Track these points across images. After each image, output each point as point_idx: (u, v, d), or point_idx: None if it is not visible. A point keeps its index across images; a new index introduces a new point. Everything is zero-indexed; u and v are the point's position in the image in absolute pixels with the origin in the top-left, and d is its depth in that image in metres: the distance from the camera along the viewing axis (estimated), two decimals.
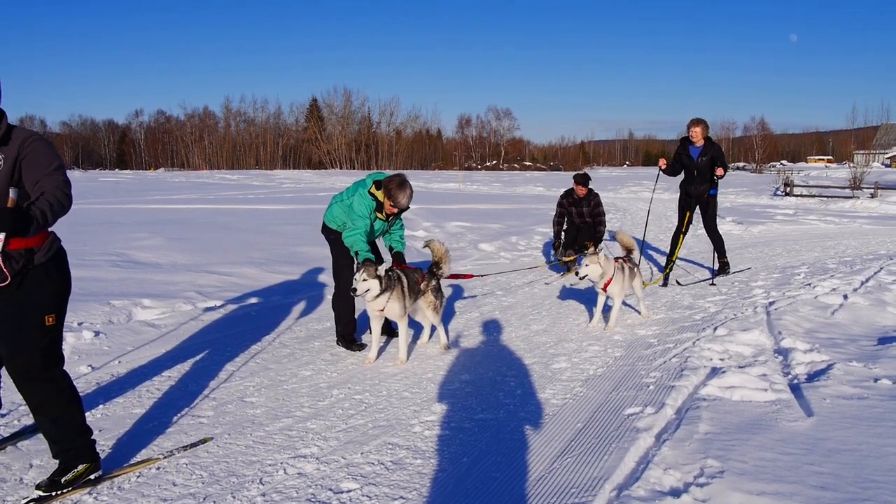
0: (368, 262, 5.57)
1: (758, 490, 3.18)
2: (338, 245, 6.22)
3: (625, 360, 5.73)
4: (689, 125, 9.16)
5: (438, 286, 6.20)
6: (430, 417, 4.45)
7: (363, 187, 5.99)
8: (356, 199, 5.96)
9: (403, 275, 5.86)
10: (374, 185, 5.95)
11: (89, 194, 28.68)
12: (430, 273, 6.17)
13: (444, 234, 14.74)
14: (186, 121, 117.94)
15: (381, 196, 5.92)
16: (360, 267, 5.57)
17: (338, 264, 6.31)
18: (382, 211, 6.00)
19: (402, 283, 5.75)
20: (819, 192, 29.91)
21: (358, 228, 5.89)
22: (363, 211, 5.91)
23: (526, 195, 32.96)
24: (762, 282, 8.87)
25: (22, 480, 3.54)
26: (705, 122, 9.13)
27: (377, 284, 5.51)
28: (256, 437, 4.13)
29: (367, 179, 6.04)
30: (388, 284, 5.60)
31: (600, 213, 10.26)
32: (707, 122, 9.16)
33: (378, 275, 5.52)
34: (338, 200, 6.25)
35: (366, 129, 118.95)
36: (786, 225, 17.49)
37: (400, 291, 5.70)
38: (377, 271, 5.53)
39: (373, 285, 5.50)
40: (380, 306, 5.65)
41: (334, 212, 6.24)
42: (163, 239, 12.12)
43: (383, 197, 5.90)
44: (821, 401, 4.31)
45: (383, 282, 5.55)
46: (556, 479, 3.54)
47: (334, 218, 6.23)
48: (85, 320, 6.42)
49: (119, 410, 4.54)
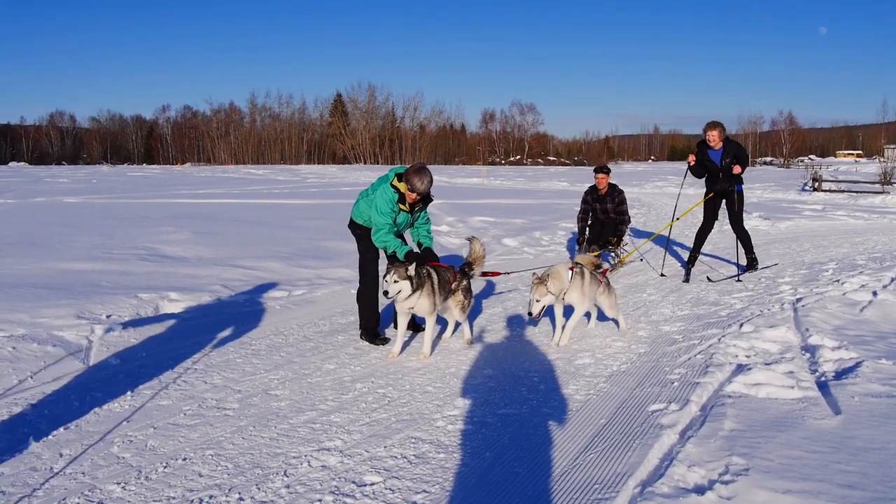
0: (398, 262, 5.54)
1: (784, 488, 3.15)
2: (364, 240, 6.26)
3: (649, 356, 5.70)
4: (705, 129, 9.11)
5: (469, 286, 6.18)
6: (453, 412, 4.46)
7: (386, 181, 6.01)
8: (378, 195, 5.99)
9: (434, 271, 5.83)
10: (396, 178, 5.97)
11: (117, 189, 29.09)
12: (461, 272, 6.15)
13: (467, 228, 14.73)
14: (212, 116, 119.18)
15: (403, 187, 5.94)
16: (389, 268, 5.52)
17: (364, 259, 6.34)
18: (405, 202, 6.00)
19: (431, 280, 5.72)
20: (848, 187, 29.43)
21: (381, 228, 5.94)
22: (385, 207, 5.93)
23: (550, 190, 32.85)
24: (789, 278, 8.76)
25: (52, 469, 3.61)
26: (721, 126, 9.06)
27: (408, 285, 5.48)
28: (281, 430, 4.16)
29: (390, 173, 6.06)
30: (419, 283, 5.57)
31: (624, 212, 10.17)
32: (723, 123, 9.09)
33: (409, 275, 5.48)
34: (364, 196, 6.29)
35: (390, 123, 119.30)
36: (814, 220, 17.25)
37: (430, 288, 5.68)
38: (408, 271, 5.48)
39: (404, 286, 5.47)
40: (410, 304, 5.63)
41: (360, 207, 6.28)
42: (189, 233, 12.25)
43: (405, 187, 5.92)
44: (849, 399, 4.26)
45: (414, 281, 5.51)
46: (579, 475, 3.53)
47: (360, 213, 6.28)
48: (113, 313, 6.52)
49: (146, 402, 4.60)
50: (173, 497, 3.35)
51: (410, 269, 5.49)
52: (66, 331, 5.92)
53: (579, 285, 6.11)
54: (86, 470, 3.61)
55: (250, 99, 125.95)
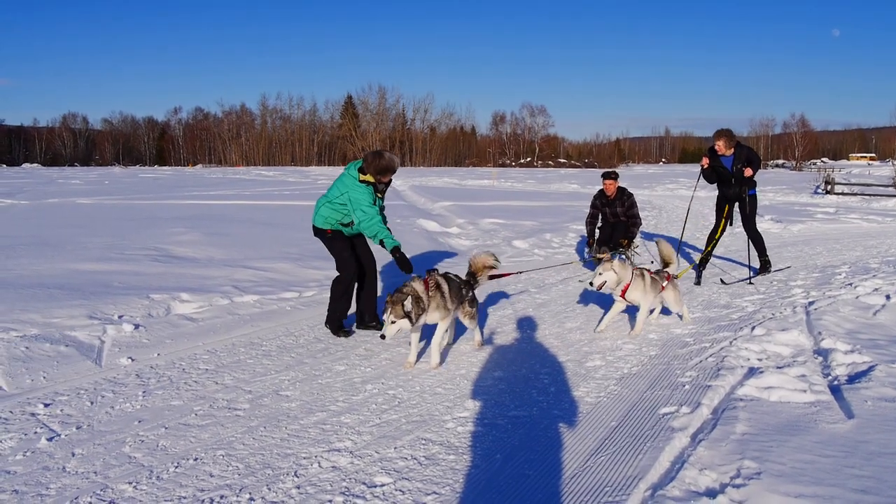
0: (395, 299, 5.21)
1: (796, 492, 3.13)
2: (336, 240, 6.46)
3: (660, 358, 5.68)
4: (714, 138, 9.16)
5: (474, 296, 6.04)
6: (464, 414, 4.45)
7: (352, 179, 6.20)
8: (354, 193, 6.15)
9: (445, 281, 5.64)
10: (361, 173, 6.19)
11: (129, 190, 29.25)
12: (466, 284, 5.95)
13: (477, 230, 14.73)
14: (224, 118, 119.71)
15: (370, 178, 6.16)
16: (386, 306, 5.23)
17: (341, 258, 6.49)
18: (377, 190, 6.28)
19: (441, 291, 5.53)
20: (861, 191, 29.19)
21: (373, 217, 6.11)
22: (368, 199, 6.13)
23: (560, 192, 32.79)
24: (802, 281, 8.71)
25: (65, 469, 3.63)
26: (728, 134, 9.08)
27: (407, 323, 5.22)
28: (291, 431, 4.17)
29: (352, 170, 6.26)
30: (418, 312, 5.30)
31: (635, 215, 10.12)
32: (730, 131, 9.11)
33: (406, 312, 5.20)
34: (325, 202, 6.44)
35: (400, 125, 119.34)
36: (826, 223, 17.13)
37: (439, 299, 5.48)
38: (404, 308, 5.19)
39: (403, 325, 5.21)
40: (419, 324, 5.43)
41: (324, 213, 6.42)
42: (200, 234, 12.30)
43: (372, 177, 6.16)
44: (862, 403, 4.23)
45: (413, 317, 5.24)
46: (589, 478, 3.52)
47: (326, 219, 6.42)
48: (125, 313, 6.55)
49: (158, 402, 4.63)
50: (184, 497, 3.36)
51: (407, 304, 5.20)
52: (78, 331, 5.96)
53: (641, 285, 6.46)
54: (98, 469, 3.63)
55: (261, 101, 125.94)
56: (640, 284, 6.44)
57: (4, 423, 4.19)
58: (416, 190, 31.09)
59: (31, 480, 3.49)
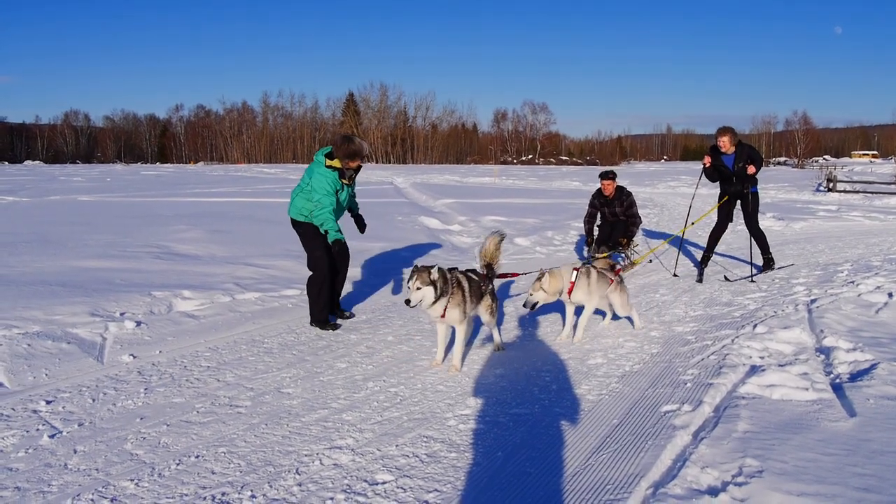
0: (421, 267, 5.12)
1: (798, 491, 3.12)
2: (309, 236, 6.55)
3: (662, 356, 5.67)
4: (716, 135, 9.13)
5: (493, 289, 5.89)
6: (465, 411, 4.45)
7: (318, 166, 6.28)
8: (316, 180, 6.24)
9: (465, 278, 5.48)
10: (328, 158, 6.26)
11: (131, 188, 29.25)
12: (486, 275, 5.83)
13: (479, 228, 14.72)
14: (225, 115, 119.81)
15: (337, 163, 6.26)
16: (412, 274, 5.11)
17: (313, 256, 6.59)
18: (345, 176, 6.36)
19: (462, 288, 5.35)
20: (863, 188, 29.14)
21: (325, 207, 6.22)
22: (327, 188, 6.21)
23: (562, 190, 32.75)
24: (804, 279, 8.70)
25: (66, 466, 3.63)
26: (732, 131, 9.06)
27: (431, 291, 5.09)
28: (293, 428, 4.17)
29: (319, 156, 6.36)
30: (444, 288, 5.18)
31: (634, 214, 10.03)
32: (733, 128, 9.08)
33: (432, 279, 5.09)
34: (298, 192, 6.53)
35: (402, 123, 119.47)
36: (828, 221, 17.11)
37: (460, 297, 5.31)
38: (430, 276, 5.08)
39: (427, 293, 5.08)
40: (438, 313, 5.25)
41: (299, 204, 6.52)
42: (202, 231, 12.30)
43: (339, 163, 6.26)
44: (864, 401, 4.22)
45: (438, 286, 5.12)
46: (591, 476, 3.52)
47: (300, 210, 6.52)
48: (127, 310, 6.55)
49: (159, 399, 4.63)
50: (186, 494, 3.36)
51: (434, 273, 5.09)
52: (80, 328, 5.96)
53: (585, 284, 6.18)
54: (99, 466, 3.64)
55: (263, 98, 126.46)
56: (583, 284, 6.18)
57: (6, 420, 4.20)
58: (418, 187, 31.08)
59: (33, 477, 3.50)
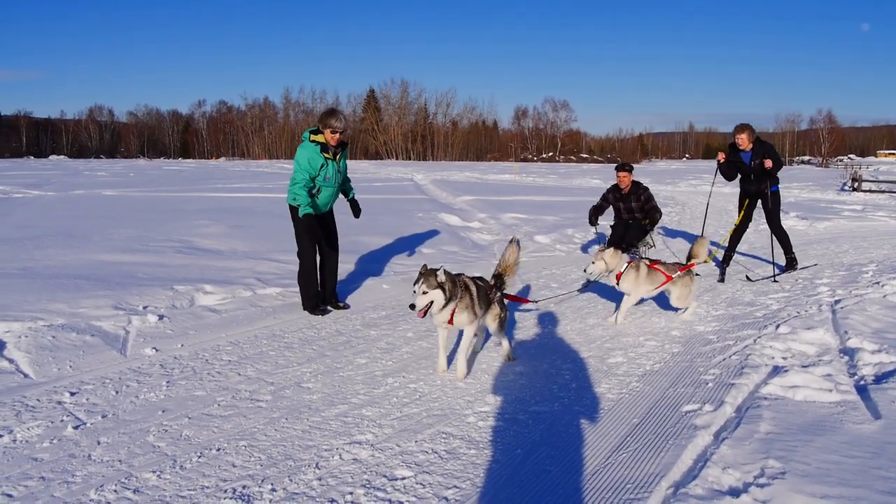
0: (427, 271, 4.85)
1: (821, 493, 3.09)
2: (299, 223, 6.68)
3: (683, 356, 5.63)
4: (735, 132, 9.06)
5: (503, 298, 5.70)
6: (485, 408, 4.45)
7: (304, 140, 6.53)
8: (298, 154, 6.50)
9: (472, 283, 5.26)
10: (312, 134, 6.48)
11: (154, 183, 29.53)
12: (495, 284, 5.58)
13: (499, 225, 14.69)
14: (247, 111, 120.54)
15: (321, 138, 6.46)
16: (418, 278, 4.85)
17: (301, 246, 6.82)
18: (329, 150, 6.54)
19: (470, 292, 5.10)
20: (889, 188, 28.69)
21: (297, 182, 6.48)
22: (304, 163, 6.44)
23: (582, 187, 32.58)
24: (827, 279, 8.60)
25: (90, 457, 3.68)
26: (750, 128, 8.98)
27: (440, 294, 4.80)
28: (313, 423, 4.19)
29: (304, 135, 6.63)
30: (452, 292, 4.90)
31: (653, 207, 9.90)
32: (752, 126, 8.99)
33: (440, 282, 4.81)
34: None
35: (422, 119, 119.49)
36: (853, 221, 16.88)
37: (468, 300, 5.05)
38: (437, 278, 4.80)
39: (436, 296, 4.79)
40: (445, 318, 4.96)
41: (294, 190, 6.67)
42: (224, 226, 12.39)
43: (323, 137, 6.47)
44: (889, 403, 4.16)
45: (447, 289, 4.84)
46: (611, 474, 3.51)
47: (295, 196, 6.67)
48: (150, 304, 6.61)
49: (181, 392, 4.67)
50: (207, 486, 3.39)
51: (440, 276, 4.81)
52: (104, 321, 6.03)
53: (633, 276, 6.66)
54: (122, 458, 3.68)
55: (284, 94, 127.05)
56: (631, 275, 6.66)
57: (32, 411, 4.26)
58: (438, 184, 31.07)
59: (57, 468, 3.54)
